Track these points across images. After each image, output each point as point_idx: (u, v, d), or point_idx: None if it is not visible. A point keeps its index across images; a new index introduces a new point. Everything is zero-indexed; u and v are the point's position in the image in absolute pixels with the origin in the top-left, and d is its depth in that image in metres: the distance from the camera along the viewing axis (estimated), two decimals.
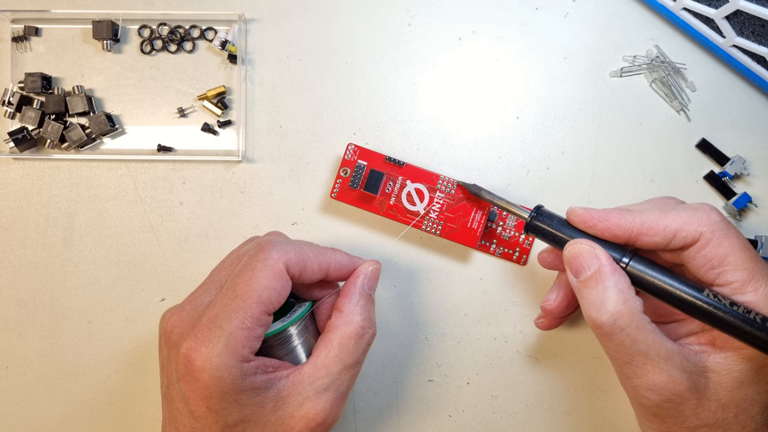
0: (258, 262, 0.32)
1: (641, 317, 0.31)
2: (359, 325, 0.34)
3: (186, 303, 0.34)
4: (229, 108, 0.45)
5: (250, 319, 0.31)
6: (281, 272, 0.32)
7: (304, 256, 0.34)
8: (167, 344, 0.33)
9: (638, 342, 0.30)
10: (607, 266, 0.32)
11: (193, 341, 0.31)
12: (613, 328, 0.31)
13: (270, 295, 0.32)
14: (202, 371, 0.30)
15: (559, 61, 0.44)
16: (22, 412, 0.44)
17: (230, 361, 0.30)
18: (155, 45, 0.45)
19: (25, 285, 0.44)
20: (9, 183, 0.45)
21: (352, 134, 0.44)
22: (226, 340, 0.30)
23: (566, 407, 0.43)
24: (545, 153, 0.44)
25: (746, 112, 0.44)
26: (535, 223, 0.35)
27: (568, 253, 0.33)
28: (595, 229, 0.33)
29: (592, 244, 0.33)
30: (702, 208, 0.32)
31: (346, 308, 0.35)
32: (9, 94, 0.43)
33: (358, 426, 0.44)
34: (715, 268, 0.31)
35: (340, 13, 0.45)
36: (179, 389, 0.31)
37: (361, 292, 0.36)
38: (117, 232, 0.44)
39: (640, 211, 0.33)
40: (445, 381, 0.44)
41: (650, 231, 0.32)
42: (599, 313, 0.31)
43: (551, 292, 0.38)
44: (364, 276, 0.36)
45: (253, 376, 0.31)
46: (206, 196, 0.44)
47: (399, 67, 0.44)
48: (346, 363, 0.34)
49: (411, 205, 0.42)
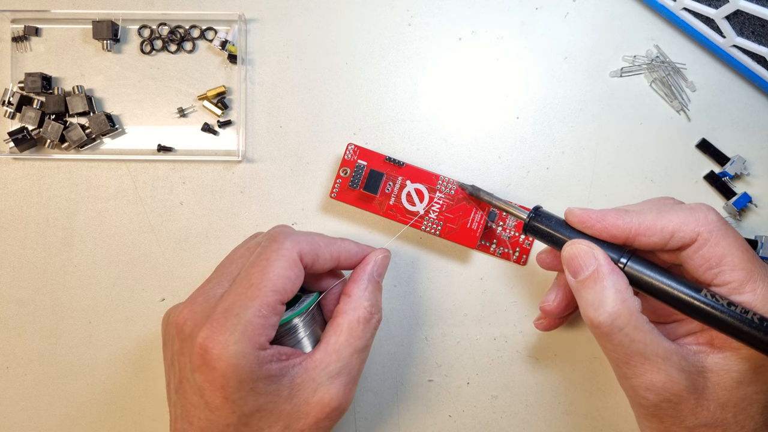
0: (272, 252, 0.33)
1: (639, 317, 0.31)
2: (367, 310, 0.35)
3: (197, 296, 0.34)
4: (229, 108, 0.45)
5: (266, 307, 0.31)
6: (295, 261, 0.33)
7: (316, 245, 0.34)
8: (179, 337, 0.33)
9: (636, 342, 0.30)
10: (605, 266, 0.32)
11: (209, 330, 0.31)
12: (611, 327, 0.31)
13: (285, 284, 0.32)
14: (219, 359, 0.30)
15: (559, 61, 0.44)
16: (22, 412, 0.44)
17: (247, 348, 0.30)
18: (155, 45, 0.45)
19: (25, 285, 0.44)
20: (9, 183, 0.45)
21: (352, 134, 0.44)
22: (243, 328, 0.30)
23: (566, 407, 0.43)
24: (545, 153, 0.44)
25: (746, 112, 0.44)
26: (534, 223, 0.35)
27: (566, 254, 0.33)
28: (593, 230, 0.33)
29: (590, 244, 0.33)
30: (699, 208, 0.32)
31: (355, 293, 0.36)
32: (9, 94, 0.43)
33: (358, 426, 0.44)
34: (713, 268, 0.31)
35: (340, 13, 0.45)
36: (194, 381, 0.31)
37: (369, 278, 0.36)
38: (117, 232, 0.44)
39: (638, 211, 0.33)
40: (445, 381, 0.44)
41: (648, 231, 0.32)
42: (597, 313, 0.31)
43: (550, 292, 0.38)
44: (374, 263, 0.37)
45: (269, 363, 0.31)
46: (206, 196, 0.44)
47: (399, 67, 0.44)
48: (355, 347, 0.34)
49: (411, 206, 0.42)
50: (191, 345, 0.32)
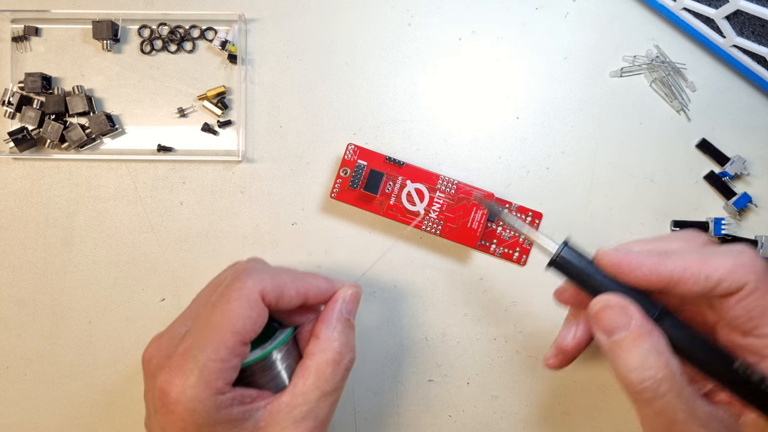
0: (233, 291, 0.32)
1: (681, 381, 0.29)
2: (336, 351, 0.33)
3: (165, 333, 0.34)
4: (229, 108, 0.45)
5: (225, 350, 0.30)
6: (256, 301, 0.31)
7: (281, 282, 0.33)
8: (145, 374, 0.33)
9: (678, 409, 0.28)
10: (643, 326, 0.29)
11: (167, 373, 0.30)
12: (654, 394, 0.28)
13: (245, 324, 0.31)
14: (177, 404, 0.29)
15: (559, 61, 0.44)
16: (22, 412, 0.44)
17: (204, 393, 0.29)
18: (155, 45, 0.45)
19: (25, 285, 0.44)
20: (9, 183, 0.45)
21: (352, 134, 0.44)
22: (199, 372, 0.30)
23: (566, 407, 0.43)
24: (545, 153, 0.44)
25: (746, 112, 0.44)
26: (562, 261, 0.31)
27: (597, 309, 0.30)
28: (628, 277, 0.30)
29: (624, 301, 0.30)
30: (746, 254, 0.29)
31: (323, 334, 0.34)
32: (9, 94, 0.43)
33: (358, 426, 0.44)
34: (754, 320, 0.29)
35: (340, 13, 0.45)
36: (157, 421, 0.31)
37: (338, 318, 0.35)
38: (117, 232, 0.44)
39: (679, 255, 0.30)
40: (445, 381, 0.44)
41: (691, 280, 0.29)
42: (640, 378, 0.28)
43: (567, 328, 0.34)
44: (342, 301, 0.35)
45: (228, 408, 0.30)
46: (206, 196, 0.44)
47: (399, 67, 0.44)
48: (324, 390, 0.33)
49: (411, 205, 0.42)
50: (153, 385, 0.31)
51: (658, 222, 0.44)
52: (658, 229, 0.44)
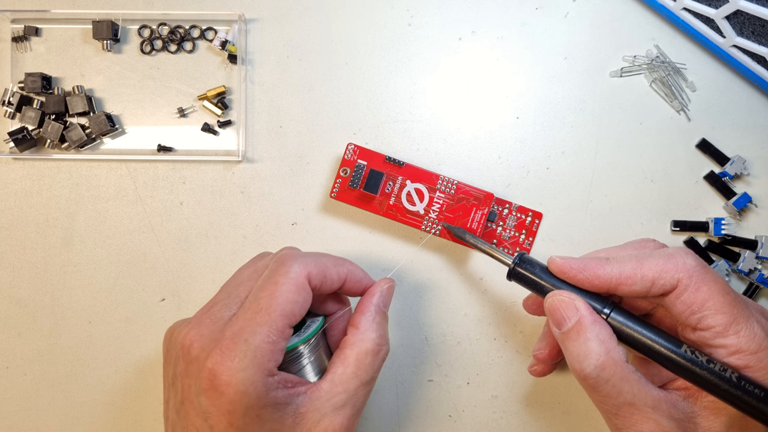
0: (280, 275, 0.32)
1: (625, 367, 0.31)
2: (375, 342, 0.35)
3: (203, 318, 0.34)
4: (229, 108, 0.45)
5: (276, 333, 0.31)
6: (303, 285, 0.33)
7: (324, 266, 0.34)
8: (185, 359, 0.32)
9: (624, 392, 0.31)
10: (587, 317, 0.32)
11: (218, 356, 0.30)
12: (597, 380, 0.31)
13: (293, 308, 0.32)
14: (228, 385, 0.30)
15: (559, 61, 0.44)
16: (22, 412, 0.44)
17: (256, 375, 0.30)
18: (155, 45, 0.45)
19: (25, 285, 0.44)
20: (9, 183, 0.45)
21: (352, 134, 0.44)
22: (252, 354, 0.30)
23: (566, 407, 0.43)
24: (545, 153, 0.44)
25: (746, 112, 0.44)
26: (518, 270, 0.35)
27: (549, 305, 0.33)
28: (574, 280, 0.33)
29: (572, 294, 0.33)
30: (677, 254, 0.32)
31: (363, 325, 0.35)
32: (9, 94, 0.43)
33: (358, 426, 0.44)
34: (696, 313, 0.31)
35: (340, 13, 0.45)
36: (199, 404, 0.31)
37: (377, 309, 0.36)
38: (117, 232, 0.44)
39: (619, 260, 0.33)
40: (445, 381, 0.44)
41: (629, 281, 0.32)
42: (583, 365, 0.31)
43: (541, 340, 0.39)
44: (380, 293, 0.36)
45: (275, 390, 0.31)
46: (206, 196, 0.44)
47: (399, 67, 0.44)
48: (362, 379, 0.34)
49: (411, 205, 0.42)
50: (198, 368, 0.31)
51: (658, 222, 0.44)
52: (658, 229, 0.44)
